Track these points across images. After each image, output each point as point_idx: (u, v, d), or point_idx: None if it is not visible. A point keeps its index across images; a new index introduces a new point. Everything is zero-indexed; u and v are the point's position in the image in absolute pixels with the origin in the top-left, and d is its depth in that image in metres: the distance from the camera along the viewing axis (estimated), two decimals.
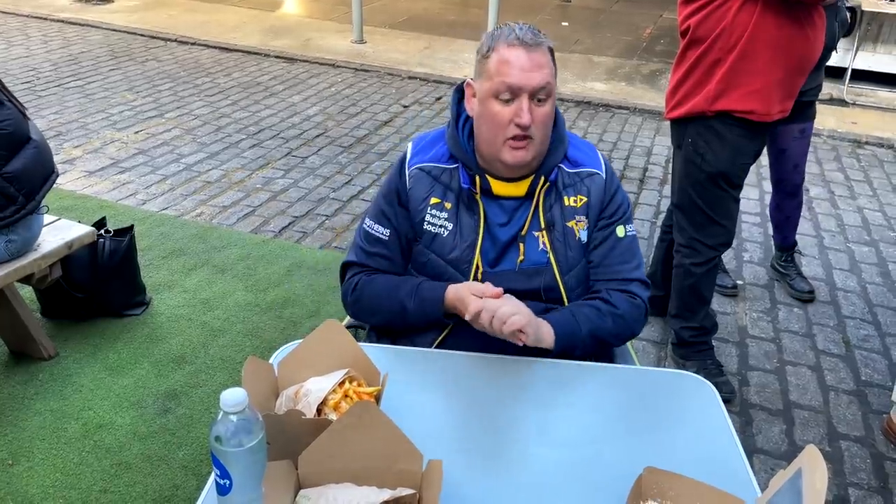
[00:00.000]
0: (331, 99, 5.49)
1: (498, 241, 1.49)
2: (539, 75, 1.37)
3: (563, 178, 1.51)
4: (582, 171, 1.52)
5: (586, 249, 1.52)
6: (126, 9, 7.69)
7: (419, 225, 1.52)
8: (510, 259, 1.49)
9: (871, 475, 2.26)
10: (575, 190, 1.51)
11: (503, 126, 1.39)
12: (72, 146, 4.38)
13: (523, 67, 1.36)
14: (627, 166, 4.54)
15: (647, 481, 1.09)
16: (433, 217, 1.51)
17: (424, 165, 1.53)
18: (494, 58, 1.39)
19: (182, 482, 2.08)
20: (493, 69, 1.39)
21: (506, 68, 1.37)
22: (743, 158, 2.34)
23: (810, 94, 2.79)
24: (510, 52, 1.37)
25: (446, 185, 1.51)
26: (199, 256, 3.25)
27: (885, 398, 2.55)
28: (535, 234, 1.49)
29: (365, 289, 1.54)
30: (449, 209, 1.50)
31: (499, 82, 1.38)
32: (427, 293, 1.47)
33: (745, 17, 2.07)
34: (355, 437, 1.02)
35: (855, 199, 4.21)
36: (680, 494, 1.08)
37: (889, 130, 5.22)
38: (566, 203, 1.50)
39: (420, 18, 7.98)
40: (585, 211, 1.51)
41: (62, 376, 2.47)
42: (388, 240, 1.55)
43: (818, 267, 3.45)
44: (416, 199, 1.52)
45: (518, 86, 1.37)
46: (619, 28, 7.97)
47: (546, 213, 1.49)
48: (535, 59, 1.37)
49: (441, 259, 1.50)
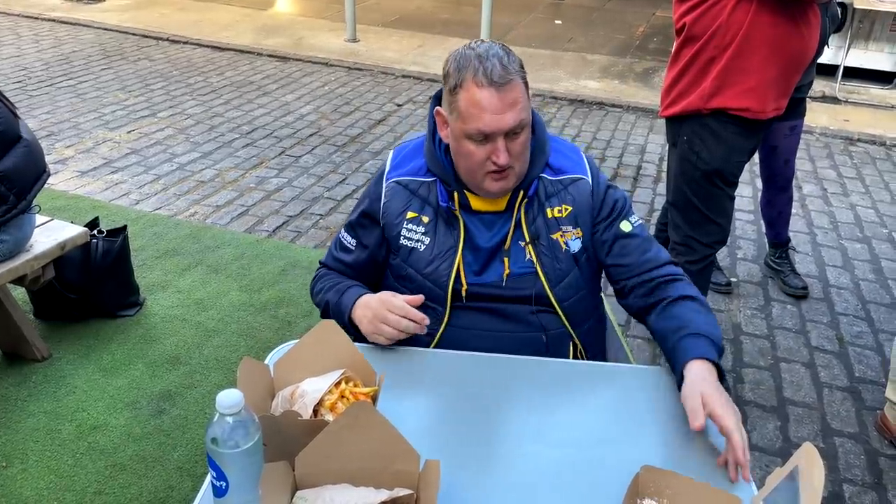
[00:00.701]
0: (324, 98, 5.47)
1: (480, 253, 1.47)
2: (511, 115, 1.32)
3: (546, 188, 1.47)
4: (565, 178, 1.48)
5: (582, 258, 1.48)
6: (118, 8, 7.66)
7: (395, 239, 1.51)
8: (495, 271, 1.47)
9: (866, 471, 2.27)
10: (559, 199, 1.47)
11: (480, 164, 1.37)
12: (64, 146, 4.35)
13: (495, 110, 1.31)
14: (621, 164, 4.54)
15: (644, 480, 1.09)
16: (409, 231, 1.49)
17: (402, 179, 1.51)
18: (464, 97, 1.33)
19: (177, 483, 2.07)
20: (463, 110, 1.33)
21: (477, 112, 1.31)
22: (738, 156, 2.34)
23: (802, 90, 2.80)
24: (480, 95, 1.30)
25: (424, 199, 1.49)
26: (193, 256, 3.24)
27: (878, 394, 2.56)
28: (520, 245, 1.46)
29: (315, 285, 1.61)
30: (426, 223, 1.48)
31: (472, 128, 1.33)
32: (347, 296, 1.48)
33: (741, 15, 2.07)
34: (352, 438, 1.01)
35: (847, 197, 4.23)
36: (677, 492, 1.08)
37: (881, 128, 5.24)
38: (550, 215, 1.46)
39: (413, 17, 7.97)
40: (573, 220, 1.47)
41: (56, 378, 2.45)
42: (353, 248, 1.57)
43: (811, 264, 3.47)
44: (391, 213, 1.50)
45: (491, 131, 1.32)
46: (613, 26, 7.98)
47: (529, 225, 1.46)
48: (506, 99, 1.31)
49: (418, 273, 1.48)
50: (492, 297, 1.47)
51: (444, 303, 1.47)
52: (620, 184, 4.25)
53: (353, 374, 1.23)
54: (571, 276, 1.47)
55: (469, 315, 1.48)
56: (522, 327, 1.48)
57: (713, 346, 1.30)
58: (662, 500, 1.08)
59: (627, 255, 1.48)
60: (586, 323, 1.54)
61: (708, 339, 1.30)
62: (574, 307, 1.49)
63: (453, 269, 1.46)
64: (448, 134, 1.42)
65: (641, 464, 1.09)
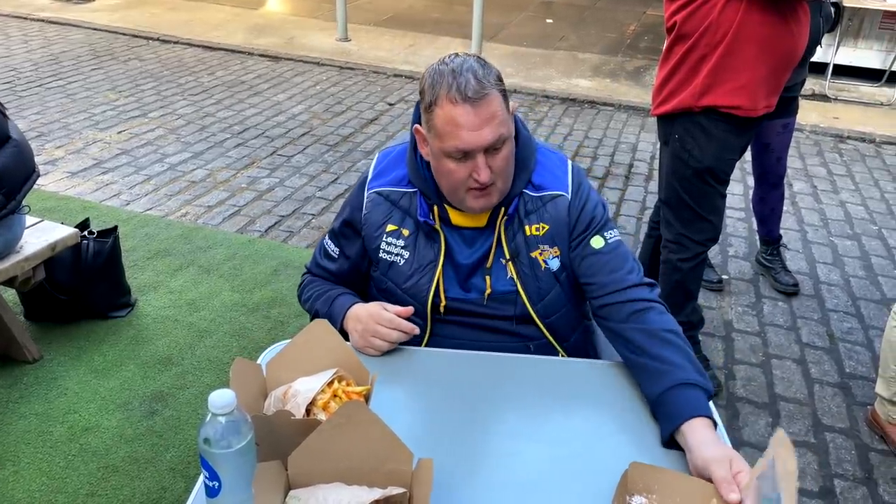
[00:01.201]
0: (316, 97, 5.46)
1: (461, 270, 1.44)
2: (489, 130, 1.28)
3: (525, 205, 1.43)
4: (545, 194, 1.43)
5: (562, 276, 1.45)
6: (107, 7, 7.62)
7: (375, 252, 1.49)
8: (476, 288, 1.44)
9: (857, 466, 2.29)
10: (538, 216, 1.43)
11: (462, 182, 1.33)
12: (54, 147, 4.33)
13: (472, 127, 1.27)
14: (613, 163, 4.55)
15: (633, 476, 1.10)
16: (389, 245, 1.47)
17: (383, 190, 1.48)
18: (440, 115, 1.29)
19: (170, 484, 2.06)
20: (440, 129, 1.29)
21: (453, 129, 1.28)
22: (729, 154, 2.35)
23: (794, 89, 2.82)
24: (455, 112, 1.26)
25: (405, 211, 1.46)
26: (185, 257, 3.23)
27: (868, 390, 2.58)
28: (501, 262, 1.43)
29: (303, 292, 1.60)
30: (406, 236, 1.45)
31: (450, 146, 1.29)
32: (337, 305, 1.48)
33: (731, 13, 2.08)
34: (345, 437, 1.01)
35: (837, 194, 4.25)
36: (666, 488, 1.08)
37: (870, 125, 5.28)
38: (528, 232, 1.42)
39: (405, 16, 7.96)
40: (551, 240, 1.43)
41: (47, 379, 2.44)
42: (336, 256, 1.56)
43: (802, 261, 3.49)
44: (371, 225, 1.48)
45: (470, 148, 1.29)
46: (604, 25, 8.00)
47: (510, 242, 1.43)
48: (482, 114, 1.27)
49: (398, 287, 1.47)
50: (471, 313, 1.46)
51: (425, 317, 1.46)
52: (612, 182, 4.27)
53: (346, 374, 1.22)
54: (553, 293, 1.44)
55: (451, 327, 1.47)
56: (506, 338, 1.47)
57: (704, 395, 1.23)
58: (652, 497, 1.08)
59: (595, 273, 1.42)
60: (572, 336, 1.52)
61: (701, 391, 1.23)
62: (558, 322, 1.47)
63: (433, 285, 1.44)
64: (428, 152, 1.38)
65: (632, 460, 1.10)
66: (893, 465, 2.29)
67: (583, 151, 4.71)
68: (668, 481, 1.09)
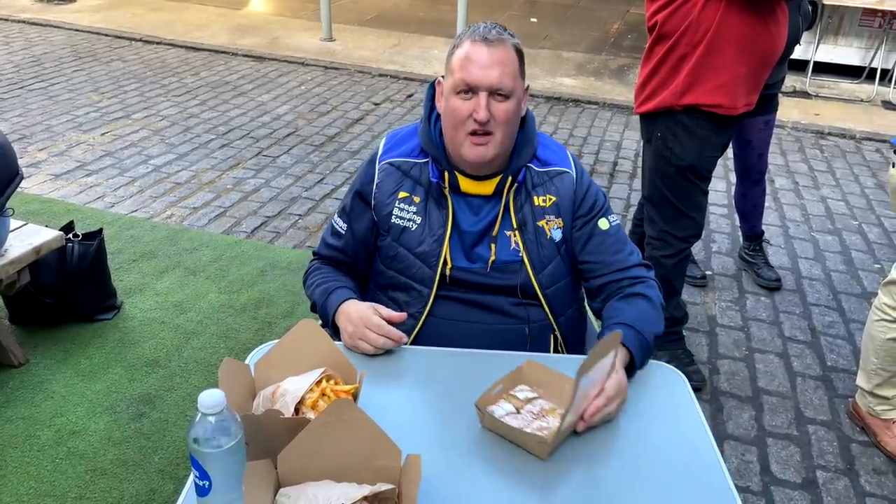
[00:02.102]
0: (301, 98, 5.46)
1: (466, 237, 1.50)
2: (496, 72, 1.39)
3: (532, 178, 1.52)
4: (551, 170, 1.53)
5: (562, 248, 1.53)
6: (89, 8, 7.56)
7: (386, 219, 1.53)
8: (481, 257, 1.50)
9: (838, 457, 2.33)
10: (544, 189, 1.52)
11: (462, 121, 1.41)
12: (36, 149, 4.30)
13: (482, 64, 1.38)
14: (598, 161, 4.59)
15: (526, 371, 1.24)
16: (401, 211, 1.52)
17: (395, 160, 1.54)
18: (458, 53, 1.42)
19: (158, 486, 2.06)
20: (455, 65, 1.42)
21: (466, 64, 1.39)
22: (711, 151, 2.38)
23: (774, 86, 2.85)
24: (472, 49, 1.40)
25: (416, 180, 1.52)
26: (171, 259, 3.22)
27: (850, 383, 2.62)
28: (506, 234, 1.50)
29: (307, 279, 1.62)
30: (418, 203, 1.51)
31: (458, 78, 1.40)
32: (332, 298, 1.50)
33: (711, 13, 2.11)
34: (334, 435, 1.02)
35: (818, 190, 4.31)
36: (553, 387, 1.25)
37: (850, 121, 5.35)
38: (536, 202, 1.51)
39: (389, 15, 7.96)
40: (556, 211, 1.52)
41: (33, 383, 2.43)
42: (343, 233, 1.59)
43: (784, 256, 3.53)
44: (383, 193, 1.53)
45: (475, 83, 1.39)
46: (587, 23, 8.04)
47: (517, 212, 1.50)
48: (494, 56, 1.39)
49: (410, 252, 1.51)
50: (475, 284, 1.50)
51: (432, 284, 1.49)
52: (597, 180, 4.29)
53: (334, 373, 1.24)
54: (554, 263, 1.52)
55: (451, 305, 1.51)
56: (504, 319, 1.51)
57: (637, 337, 1.38)
58: (539, 390, 1.23)
59: (600, 252, 1.53)
60: (567, 311, 1.57)
61: (634, 331, 1.39)
62: (556, 294, 1.53)
63: (443, 250, 1.49)
64: (443, 104, 1.46)
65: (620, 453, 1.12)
66: (874, 455, 2.33)
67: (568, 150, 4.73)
68: (557, 383, 1.25)
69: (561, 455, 1.20)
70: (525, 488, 1.13)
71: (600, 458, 1.19)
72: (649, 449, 1.22)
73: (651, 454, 1.21)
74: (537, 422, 1.21)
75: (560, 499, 1.11)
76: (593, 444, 1.22)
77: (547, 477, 1.15)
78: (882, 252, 3.61)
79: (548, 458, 1.17)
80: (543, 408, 1.24)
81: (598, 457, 1.19)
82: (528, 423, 1.20)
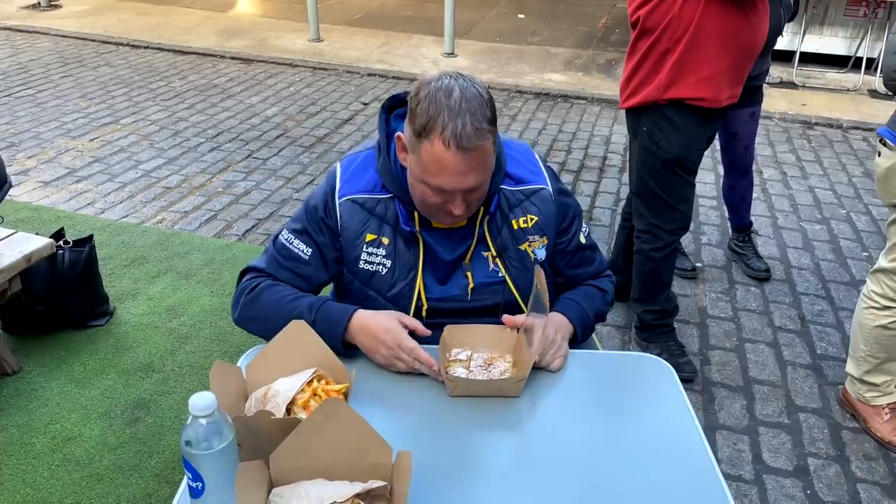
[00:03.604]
0: (290, 99, 5.45)
1: (440, 268, 1.44)
2: (474, 176, 1.27)
3: (507, 199, 1.45)
4: (526, 188, 1.47)
5: (546, 265, 1.50)
6: (75, 14, 7.53)
7: (354, 262, 1.45)
8: (458, 284, 1.45)
9: (829, 444, 2.35)
10: (523, 210, 1.46)
11: (435, 206, 1.33)
12: (25, 157, 4.29)
13: (458, 172, 1.25)
14: (587, 156, 4.60)
15: (448, 337, 1.37)
16: (370, 255, 1.43)
17: (357, 197, 1.43)
18: (429, 150, 1.25)
19: (155, 490, 2.07)
20: (426, 162, 1.27)
21: (439, 170, 1.26)
22: (696, 144, 2.40)
23: (759, 78, 2.87)
24: (446, 155, 1.24)
25: (381, 218, 1.43)
26: (162, 263, 3.22)
27: (839, 370, 2.65)
28: (483, 255, 1.45)
29: (264, 292, 1.43)
30: (387, 245, 1.43)
31: (431, 182, 1.28)
32: (333, 312, 1.38)
33: (692, 7, 2.12)
34: (325, 434, 1.04)
35: (806, 179, 4.34)
36: (477, 340, 1.39)
37: (837, 111, 5.38)
38: (515, 226, 1.45)
39: (376, 15, 7.96)
40: (540, 230, 1.47)
41: (27, 391, 2.43)
42: (307, 258, 1.45)
43: (773, 246, 3.56)
44: (349, 235, 1.43)
45: (450, 190, 1.28)
46: (575, 19, 8.05)
47: (495, 239, 1.44)
48: (472, 163, 1.25)
49: (381, 296, 1.45)
50: (455, 311, 1.46)
51: None
52: (587, 175, 4.32)
53: (325, 373, 1.25)
54: None
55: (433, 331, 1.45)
56: None
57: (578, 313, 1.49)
58: (467, 347, 1.39)
59: (582, 265, 1.58)
60: None
61: (578, 306, 1.50)
62: None
63: (415, 291, 1.43)
64: (406, 161, 1.35)
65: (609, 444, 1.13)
66: (865, 442, 2.36)
67: (557, 145, 4.75)
68: (478, 335, 1.39)
69: (552, 447, 1.21)
70: (515, 480, 1.14)
71: (589, 449, 1.20)
72: (638, 440, 1.24)
73: (640, 445, 1.22)
74: (493, 370, 1.36)
75: (550, 489, 1.12)
76: (583, 435, 1.24)
77: (537, 468, 1.16)
78: (870, 240, 3.64)
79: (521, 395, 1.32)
80: (485, 358, 1.38)
81: (588, 448, 1.21)
82: (488, 374, 1.35)
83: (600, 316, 1.58)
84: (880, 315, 2.25)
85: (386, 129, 1.43)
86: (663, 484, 1.14)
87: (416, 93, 1.28)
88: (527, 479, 1.15)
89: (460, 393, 1.31)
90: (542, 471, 1.16)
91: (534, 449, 1.21)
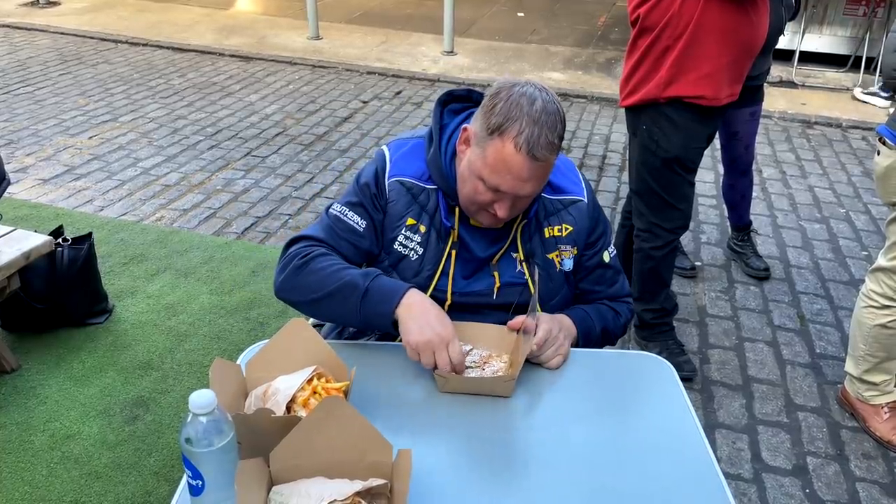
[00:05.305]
0: (289, 97, 5.45)
1: (469, 264, 1.46)
2: (532, 185, 1.31)
3: (545, 206, 1.47)
4: (565, 198, 1.49)
5: (571, 277, 1.52)
6: (74, 11, 7.51)
7: (390, 243, 1.46)
8: (484, 282, 1.46)
9: (828, 443, 2.35)
10: (559, 219, 1.48)
11: (481, 203, 1.35)
12: (24, 154, 4.28)
13: (520, 178, 1.28)
14: (587, 154, 4.60)
15: None
16: (406, 239, 1.45)
17: (405, 180, 1.45)
18: (499, 148, 1.27)
19: (154, 488, 2.07)
20: (491, 159, 1.29)
21: (503, 170, 1.28)
22: (696, 143, 2.40)
23: (759, 77, 2.87)
24: (515, 158, 1.26)
25: (423, 206, 1.45)
26: (161, 261, 3.22)
27: (839, 369, 2.65)
28: (512, 256, 1.46)
29: (316, 259, 1.40)
30: (423, 233, 1.45)
31: (490, 179, 1.30)
32: (388, 282, 1.36)
33: (692, 5, 2.12)
34: (325, 432, 1.03)
35: (806, 178, 4.34)
36: (477, 338, 1.39)
37: (837, 110, 5.38)
38: (548, 234, 1.47)
39: (376, 12, 7.95)
40: (573, 241, 1.49)
41: (26, 389, 2.43)
42: (363, 231, 1.45)
43: (772, 245, 3.56)
44: (393, 214, 1.45)
45: (506, 191, 1.31)
46: (574, 17, 8.05)
47: (525, 244, 1.46)
48: (535, 172, 1.29)
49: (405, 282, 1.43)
50: (479, 306, 1.46)
51: None
52: (587, 174, 4.31)
53: (325, 371, 1.24)
54: (562, 294, 1.51)
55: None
56: None
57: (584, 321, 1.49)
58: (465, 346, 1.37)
59: (600, 283, 1.56)
60: None
61: (585, 314, 1.50)
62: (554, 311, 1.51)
63: (431, 284, 1.44)
64: (465, 153, 1.36)
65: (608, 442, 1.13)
66: (864, 441, 2.36)
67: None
68: (480, 333, 1.40)
69: (552, 445, 1.21)
70: (515, 479, 1.14)
71: (589, 448, 1.20)
72: (638, 438, 1.23)
73: (639, 443, 1.22)
74: (488, 368, 1.35)
75: (549, 488, 1.12)
76: (583, 434, 1.23)
77: (537, 466, 1.16)
78: (869, 239, 3.64)
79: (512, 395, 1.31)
80: (482, 355, 1.38)
81: (588, 446, 1.21)
82: (481, 372, 1.34)
83: (608, 335, 1.54)
84: (879, 314, 2.25)
85: (440, 121, 1.46)
86: (663, 482, 1.14)
87: (496, 92, 1.31)
88: (527, 477, 1.15)
89: (450, 389, 1.31)
90: (543, 469, 1.16)
91: (534, 447, 1.21)
